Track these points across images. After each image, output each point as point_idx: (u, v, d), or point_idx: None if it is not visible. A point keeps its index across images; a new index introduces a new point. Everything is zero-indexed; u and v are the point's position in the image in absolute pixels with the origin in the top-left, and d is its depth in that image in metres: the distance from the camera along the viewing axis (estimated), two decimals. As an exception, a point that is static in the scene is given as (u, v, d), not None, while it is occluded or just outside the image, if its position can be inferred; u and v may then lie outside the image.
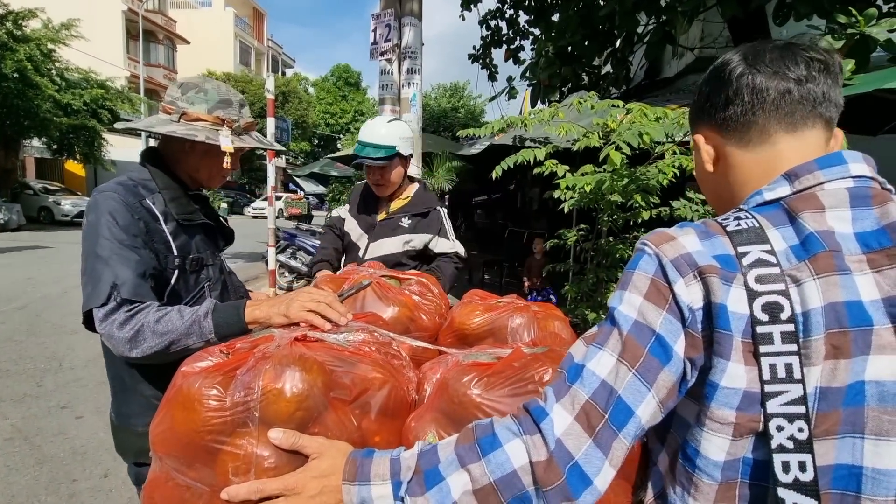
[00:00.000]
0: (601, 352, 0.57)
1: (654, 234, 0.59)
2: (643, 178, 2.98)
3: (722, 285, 0.52)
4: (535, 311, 1.22)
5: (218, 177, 1.24)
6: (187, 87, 1.16)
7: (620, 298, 0.58)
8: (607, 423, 0.54)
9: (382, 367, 0.78)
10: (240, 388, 0.66)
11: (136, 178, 1.13)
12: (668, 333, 0.54)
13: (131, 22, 24.02)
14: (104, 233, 1.00)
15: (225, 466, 0.64)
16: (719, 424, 0.54)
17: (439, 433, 0.71)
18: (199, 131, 1.11)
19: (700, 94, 0.68)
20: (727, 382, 0.52)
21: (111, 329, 0.94)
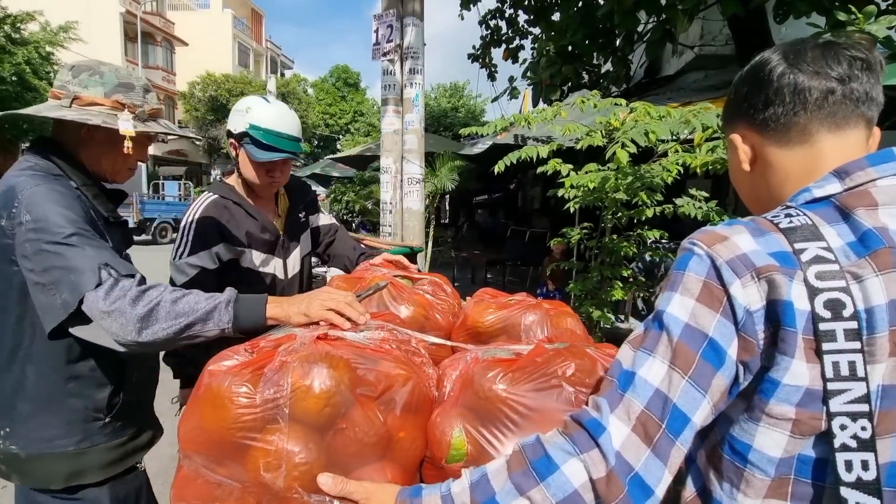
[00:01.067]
0: (651, 358, 0.56)
1: (704, 233, 0.58)
2: (648, 176, 3.00)
3: (786, 282, 0.52)
4: (546, 308, 1.23)
5: (124, 169, 1.13)
6: (80, 70, 1.05)
7: (669, 300, 0.57)
8: (665, 433, 0.53)
9: (404, 363, 0.79)
10: (269, 385, 0.67)
11: (48, 172, 0.99)
12: (721, 337, 0.53)
13: (129, 24, 24.02)
14: (60, 222, 0.90)
15: (256, 462, 0.66)
16: (777, 420, 0.54)
17: (466, 428, 0.72)
18: (95, 116, 1.01)
19: (737, 93, 0.67)
20: (790, 380, 0.52)
21: (122, 305, 0.84)
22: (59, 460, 0.99)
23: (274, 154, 1.42)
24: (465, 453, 0.71)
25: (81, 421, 1.01)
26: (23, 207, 0.91)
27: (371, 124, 30.08)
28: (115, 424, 1.06)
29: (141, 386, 1.14)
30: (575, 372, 0.71)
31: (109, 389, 1.04)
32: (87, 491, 1.02)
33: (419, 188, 5.49)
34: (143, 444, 1.14)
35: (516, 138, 4.90)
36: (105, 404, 1.03)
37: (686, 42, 7.55)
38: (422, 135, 5.46)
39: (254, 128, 1.41)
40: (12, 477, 1.02)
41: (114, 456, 1.06)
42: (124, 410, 1.07)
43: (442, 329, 1.26)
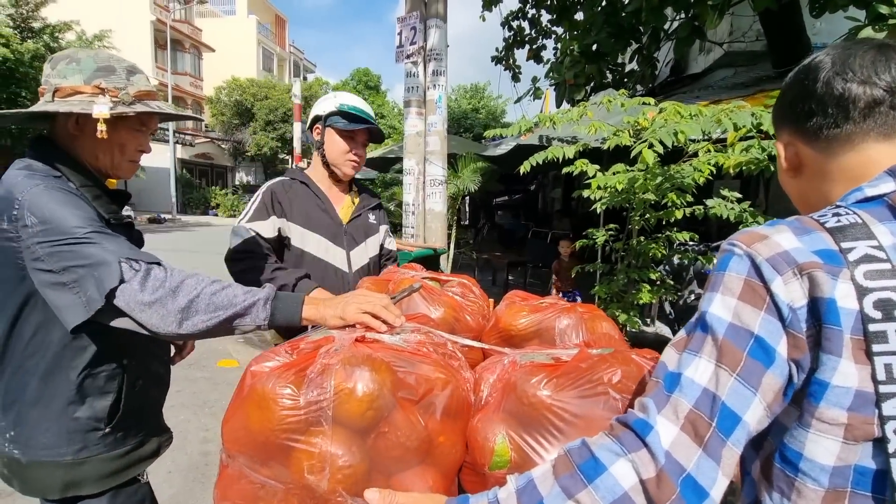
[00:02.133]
0: (697, 358, 0.54)
1: (744, 233, 0.57)
2: (678, 177, 2.93)
3: (829, 279, 0.50)
4: (581, 311, 1.21)
5: (124, 162, 1.08)
6: (57, 61, 1.00)
7: (711, 301, 0.56)
8: (715, 432, 0.52)
9: (443, 367, 0.78)
10: (312, 387, 0.68)
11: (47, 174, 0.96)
12: (768, 335, 0.52)
13: (159, 32, 24.80)
14: (72, 222, 0.87)
15: (300, 464, 0.66)
16: (829, 425, 0.52)
17: (509, 434, 0.71)
18: (75, 104, 0.96)
19: (783, 99, 0.66)
20: (839, 381, 0.50)
21: (163, 296, 0.83)
22: (56, 469, 0.97)
23: (361, 124, 1.61)
24: (509, 460, 0.70)
25: (81, 430, 0.99)
26: (25, 209, 0.88)
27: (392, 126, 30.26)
28: (117, 434, 1.03)
29: (146, 392, 1.11)
30: (621, 379, 0.69)
31: (112, 398, 1.02)
32: (85, 502, 1.00)
33: (442, 190, 5.50)
34: (147, 454, 1.11)
35: (541, 139, 4.86)
36: (106, 413, 1.01)
37: (714, 38, 7.37)
38: (445, 136, 5.46)
39: (343, 105, 1.60)
40: (13, 482, 1.00)
41: (114, 467, 1.03)
42: (127, 419, 1.05)
43: (472, 330, 1.25)
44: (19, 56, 12.99)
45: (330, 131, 1.60)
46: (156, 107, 1.06)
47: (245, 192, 28.09)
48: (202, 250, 11.43)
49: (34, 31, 14.32)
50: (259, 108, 26.12)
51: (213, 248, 12.00)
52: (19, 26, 13.92)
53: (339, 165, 1.63)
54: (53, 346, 0.96)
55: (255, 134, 26.43)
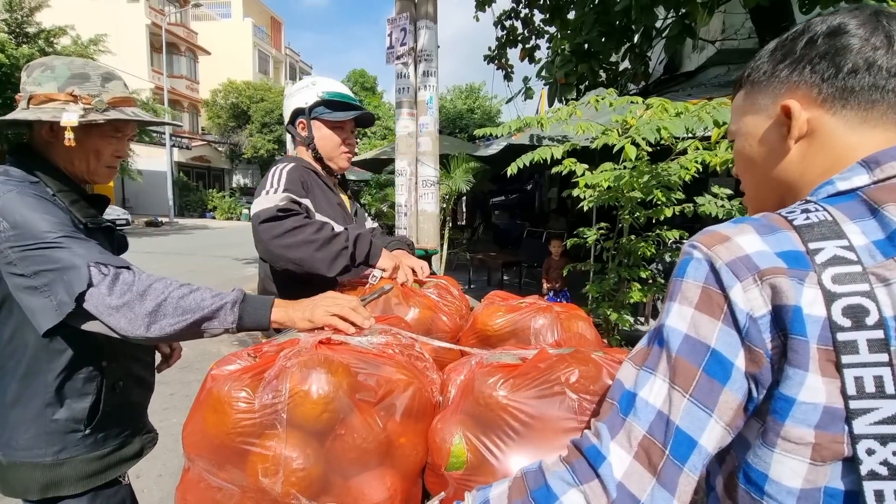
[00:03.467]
0: (652, 377, 0.51)
1: (705, 234, 0.52)
2: (664, 174, 2.93)
3: (794, 285, 0.46)
4: (557, 311, 1.21)
5: (99, 168, 1.07)
6: (32, 69, 1.01)
7: (668, 311, 0.52)
8: (669, 459, 0.48)
9: (406, 368, 0.78)
10: (268, 390, 0.67)
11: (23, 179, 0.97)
12: (725, 348, 0.48)
13: (155, 35, 24.78)
14: (43, 226, 0.88)
15: (255, 467, 0.66)
16: (795, 445, 0.47)
17: (466, 435, 0.70)
18: (46, 112, 0.97)
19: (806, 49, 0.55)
20: (806, 397, 0.46)
21: (130, 299, 0.84)
22: (36, 470, 0.98)
23: (351, 112, 1.49)
24: (465, 461, 0.69)
25: (60, 431, 0.99)
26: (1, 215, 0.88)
27: (387, 127, 30.26)
28: (97, 435, 1.03)
29: (127, 394, 1.11)
30: (579, 379, 0.69)
31: (90, 400, 1.02)
32: (66, 502, 1.00)
33: (434, 190, 5.50)
34: (129, 455, 1.11)
35: (531, 139, 4.87)
36: (85, 415, 1.01)
37: (707, 37, 7.38)
38: (436, 137, 5.46)
39: (328, 93, 1.47)
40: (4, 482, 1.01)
41: (94, 468, 1.03)
42: (107, 421, 1.05)
43: (448, 332, 1.25)
44: (14, 61, 12.96)
45: (317, 124, 1.49)
46: (130, 113, 1.06)
47: (242, 194, 28.08)
48: (199, 253, 11.42)
49: (29, 36, 14.29)
50: (255, 111, 26.11)
51: (210, 251, 12.01)
52: (14, 31, 13.90)
53: (335, 159, 1.52)
54: (30, 348, 0.96)
55: (252, 136, 26.42)
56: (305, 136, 1.51)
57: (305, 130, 1.51)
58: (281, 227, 1.22)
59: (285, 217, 1.24)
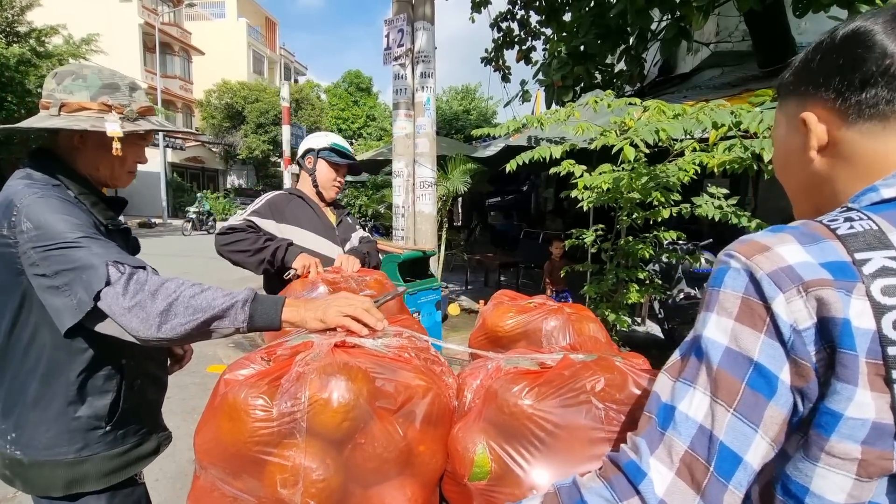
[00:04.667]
0: (692, 390, 0.49)
1: (742, 243, 0.50)
2: (663, 176, 2.94)
3: (842, 297, 0.44)
4: (568, 313, 1.20)
5: (122, 173, 1.12)
6: (63, 76, 1.03)
7: (706, 322, 0.50)
8: (714, 476, 0.47)
9: (424, 373, 0.76)
10: (286, 397, 0.65)
11: (46, 183, 0.99)
12: (769, 361, 0.46)
13: (148, 35, 24.56)
14: (63, 227, 0.90)
15: (273, 478, 0.64)
16: (840, 460, 0.46)
17: (490, 444, 0.69)
18: (83, 121, 1.00)
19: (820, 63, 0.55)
20: (854, 412, 0.44)
21: (143, 299, 0.85)
22: (58, 468, 1.00)
23: (348, 160, 2.06)
24: (489, 471, 0.68)
25: (82, 429, 1.01)
26: (22, 216, 0.91)
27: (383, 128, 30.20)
28: (117, 433, 1.05)
29: (144, 392, 1.12)
30: (605, 387, 0.67)
31: (111, 397, 1.03)
32: (87, 499, 1.02)
33: (431, 191, 5.48)
34: (146, 453, 1.13)
35: (529, 140, 4.86)
36: (106, 412, 1.03)
37: (701, 39, 7.43)
38: (433, 138, 5.45)
39: (335, 144, 2.03)
40: (16, 483, 1.03)
41: (115, 465, 1.05)
42: (126, 418, 1.06)
43: None
44: (4, 61, 12.81)
45: (322, 162, 2.02)
46: (156, 122, 1.13)
47: (237, 195, 27.91)
48: (193, 254, 11.32)
49: (20, 35, 14.12)
50: (250, 111, 25.98)
51: (204, 252, 11.90)
52: (4, 31, 13.73)
53: (326, 189, 2.04)
54: (51, 348, 0.97)
55: (247, 137, 26.27)
56: (310, 167, 2.02)
57: (311, 164, 2.02)
58: (225, 239, 1.78)
59: (230, 233, 1.80)
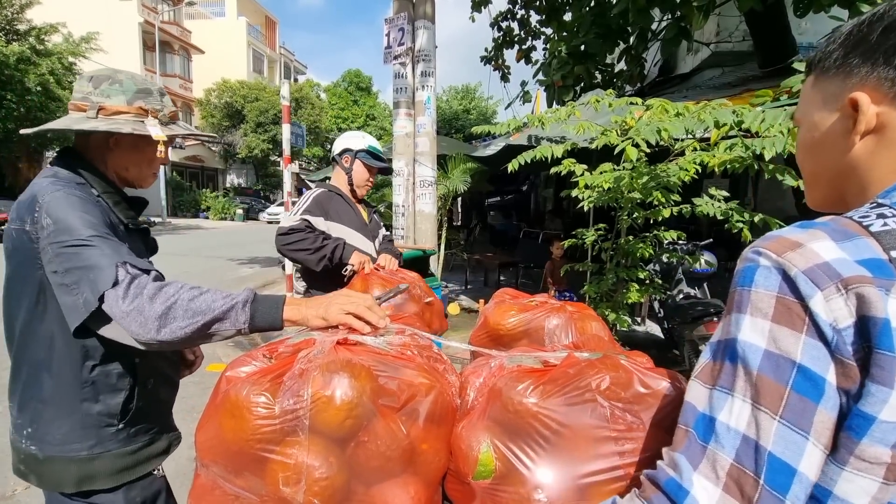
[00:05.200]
0: (730, 398, 0.46)
1: (770, 240, 0.48)
2: (663, 176, 2.93)
3: (882, 295, 0.42)
4: (570, 311, 1.20)
5: (149, 174, 1.16)
6: (99, 80, 1.06)
7: (739, 325, 0.47)
8: (766, 490, 0.43)
9: (427, 371, 0.76)
10: (288, 395, 0.65)
11: (71, 181, 1.02)
12: (813, 362, 0.44)
13: (148, 34, 24.53)
14: (78, 225, 0.91)
15: (275, 476, 0.63)
16: (868, 464, 0.44)
17: (494, 443, 0.68)
18: (123, 124, 1.03)
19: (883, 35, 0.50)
20: (888, 415, 0.42)
21: (141, 303, 0.85)
22: (71, 464, 1.00)
23: (382, 162, 2.22)
24: (494, 469, 0.67)
25: (95, 426, 1.01)
26: (43, 211, 0.93)
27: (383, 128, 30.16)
28: (129, 430, 1.06)
29: (157, 392, 1.13)
30: (610, 386, 0.66)
31: (124, 395, 1.04)
32: (100, 496, 1.03)
33: (431, 191, 5.47)
34: (158, 452, 1.13)
35: (530, 139, 4.85)
36: (119, 410, 1.03)
37: (702, 39, 7.43)
38: (434, 137, 5.44)
39: (371, 147, 2.19)
40: (30, 477, 1.04)
41: (126, 462, 1.05)
42: (139, 416, 1.07)
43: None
44: (4, 59, 12.79)
45: (358, 162, 2.16)
46: (184, 126, 1.17)
47: (236, 194, 27.85)
48: (192, 254, 11.30)
49: (19, 33, 14.10)
50: (249, 110, 25.95)
51: (204, 251, 11.87)
52: (4, 28, 13.71)
53: (360, 187, 2.20)
54: (64, 344, 0.98)
55: (246, 136, 26.24)
56: (347, 166, 2.17)
57: (349, 164, 2.16)
58: (286, 240, 1.97)
59: (291, 233, 1.97)
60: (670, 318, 4.60)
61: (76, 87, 1.08)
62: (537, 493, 0.63)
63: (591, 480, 0.60)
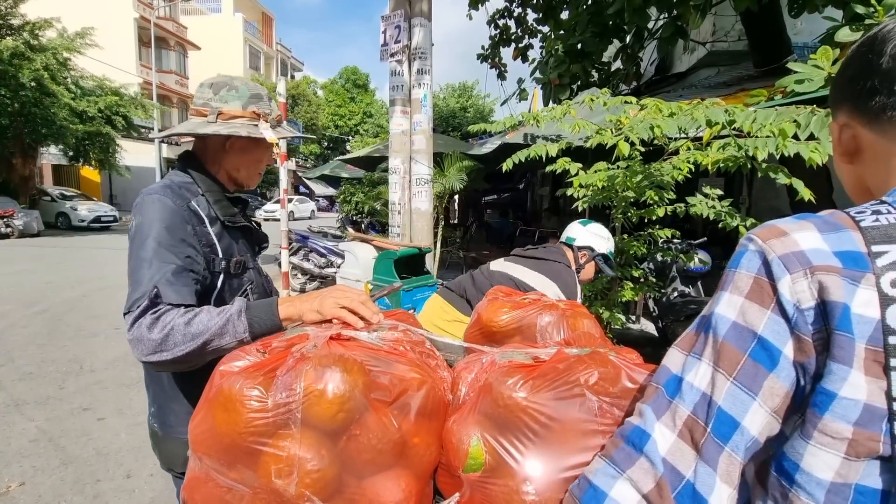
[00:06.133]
0: (699, 362, 0.52)
1: (764, 227, 0.53)
2: (657, 174, 2.95)
3: (845, 284, 0.47)
4: (563, 308, 1.21)
5: (255, 174, 1.25)
6: (219, 87, 1.16)
7: (719, 300, 0.53)
8: (710, 436, 0.50)
9: (419, 366, 0.77)
10: (281, 388, 0.66)
11: (179, 181, 1.13)
12: (773, 336, 0.49)
13: (143, 29, 24.36)
14: (149, 234, 0.99)
15: (267, 468, 0.64)
16: (831, 439, 0.47)
17: (484, 437, 0.69)
18: (240, 127, 1.12)
19: (842, 75, 0.59)
20: (848, 392, 0.46)
21: (140, 332, 0.91)
22: (182, 445, 1.06)
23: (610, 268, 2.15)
24: (483, 463, 0.68)
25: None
26: (137, 209, 1.04)
27: (380, 125, 30.11)
28: None
29: None
30: (598, 380, 0.68)
31: None
32: None
33: (427, 189, 5.48)
34: None
35: (525, 137, 4.87)
36: None
37: (698, 38, 7.46)
38: (430, 135, 5.45)
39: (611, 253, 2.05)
40: (155, 452, 1.18)
41: None
42: None
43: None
44: (-3, 53, 12.67)
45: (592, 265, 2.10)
46: (288, 128, 1.24)
47: (232, 191, 27.64)
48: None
49: (13, 28, 13.97)
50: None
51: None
52: (-4, 23, 13.58)
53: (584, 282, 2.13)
54: None
55: (242, 133, 26.07)
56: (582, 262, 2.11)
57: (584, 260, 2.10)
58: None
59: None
60: (664, 316, 4.63)
61: (197, 93, 1.17)
62: (525, 485, 0.64)
63: (579, 472, 0.61)
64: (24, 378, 3.88)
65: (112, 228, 16.68)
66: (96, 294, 6.85)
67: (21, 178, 15.66)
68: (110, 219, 16.78)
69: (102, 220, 16.41)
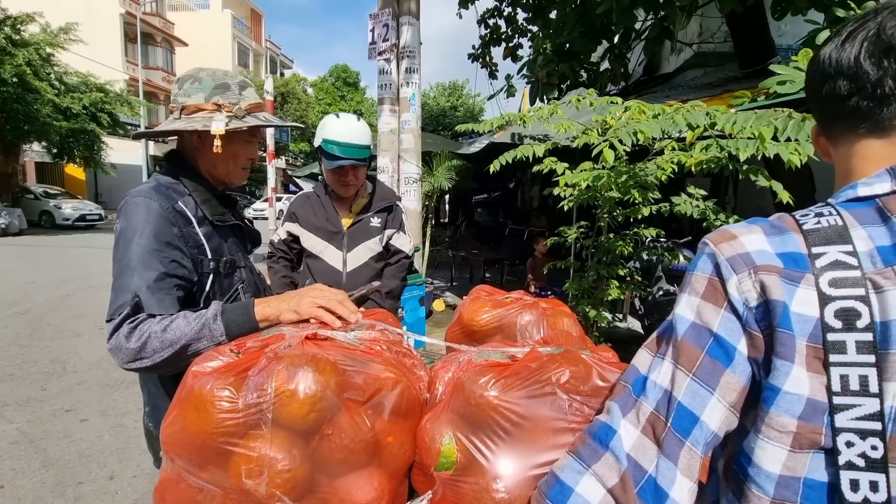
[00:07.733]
0: (662, 361, 0.55)
1: (717, 232, 0.56)
2: (641, 174, 2.98)
3: (784, 284, 0.49)
4: (543, 307, 1.22)
5: (237, 171, 1.20)
6: (183, 81, 1.13)
7: (679, 302, 0.56)
8: (671, 431, 0.52)
9: (394, 366, 0.77)
10: (252, 389, 0.65)
11: (165, 182, 1.11)
12: (727, 333, 0.51)
13: (129, 25, 23.99)
14: (133, 240, 0.98)
15: (238, 468, 0.64)
16: (777, 432, 0.50)
17: (456, 435, 0.70)
18: (197, 121, 1.08)
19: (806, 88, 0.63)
20: (790, 387, 0.48)
21: (118, 341, 0.91)
22: None
23: (337, 161, 1.79)
24: (455, 461, 0.69)
25: None
26: (121, 211, 1.02)
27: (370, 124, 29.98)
28: None
29: None
30: (569, 379, 0.69)
31: None
32: None
33: (416, 188, 5.47)
34: None
35: (513, 137, 4.88)
36: None
37: (685, 39, 7.53)
38: (419, 134, 5.44)
39: (325, 142, 1.78)
40: (150, 451, 1.17)
41: None
42: None
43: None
44: (-23, 48, 12.38)
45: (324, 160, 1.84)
46: (263, 118, 1.17)
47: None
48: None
49: (-7, 22, 13.68)
50: (321, 122, 25.59)
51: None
52: (-24, 17, 13.28)
53: (336, 188, 1.91)
54: None
55: (230, 131, 25.81)
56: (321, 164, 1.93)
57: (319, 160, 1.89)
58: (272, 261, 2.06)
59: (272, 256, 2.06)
60: (650, 315, 4.68)
61: (172, 90, 1.15)
62: (496, 483, 0.65)
63: (548, 470, 0.62)
64: (5, 379, 3.81)
65: (98, 227, 16.42)
66: (80, 294, 6.75)
67: (3, 175, 15.34)
68: (96, 217, 16.52)
69: (88, 219, 16.16)
